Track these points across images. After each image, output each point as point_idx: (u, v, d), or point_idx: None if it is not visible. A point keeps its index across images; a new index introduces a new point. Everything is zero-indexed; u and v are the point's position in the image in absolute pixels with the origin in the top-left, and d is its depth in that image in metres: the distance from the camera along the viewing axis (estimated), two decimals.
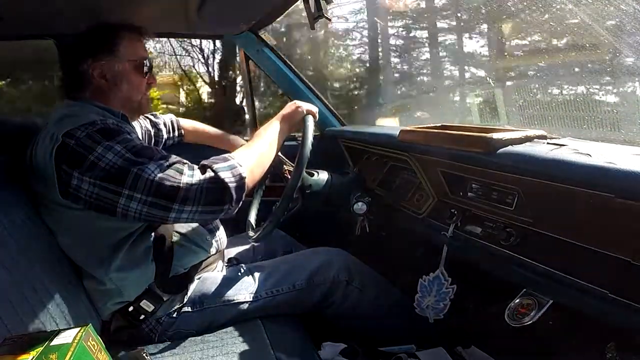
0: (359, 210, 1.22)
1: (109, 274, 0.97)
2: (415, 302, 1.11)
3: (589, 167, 0.68)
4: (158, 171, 0.85)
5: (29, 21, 1.31)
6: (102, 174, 0.84)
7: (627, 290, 0.65)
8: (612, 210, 0.64)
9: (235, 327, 1.05)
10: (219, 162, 0.89)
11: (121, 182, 0.84)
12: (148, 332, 1.02)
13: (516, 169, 0.81)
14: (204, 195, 0.85)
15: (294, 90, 1.74)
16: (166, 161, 0.87)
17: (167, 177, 0.84)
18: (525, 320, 0.81)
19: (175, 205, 0.84)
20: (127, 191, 0.84)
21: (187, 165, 0.88)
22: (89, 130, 0.87)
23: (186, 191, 0.84)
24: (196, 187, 0.84)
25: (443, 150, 1.00)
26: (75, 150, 0.85)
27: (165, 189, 0.84)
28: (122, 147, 0.86)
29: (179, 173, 0.85)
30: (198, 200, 0.85)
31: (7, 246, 0.84)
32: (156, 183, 0.83)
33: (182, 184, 0.84)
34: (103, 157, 0.84)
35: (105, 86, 1.03)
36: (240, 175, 0.89)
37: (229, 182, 0.86)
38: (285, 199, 1.05)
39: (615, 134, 1.32)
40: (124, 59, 1.03)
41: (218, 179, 0.86)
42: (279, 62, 1.71)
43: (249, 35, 1.66)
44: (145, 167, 0.85)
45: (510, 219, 0.87)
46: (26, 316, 0.80)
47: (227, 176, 0.87)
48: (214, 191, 0.86)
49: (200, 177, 0.86)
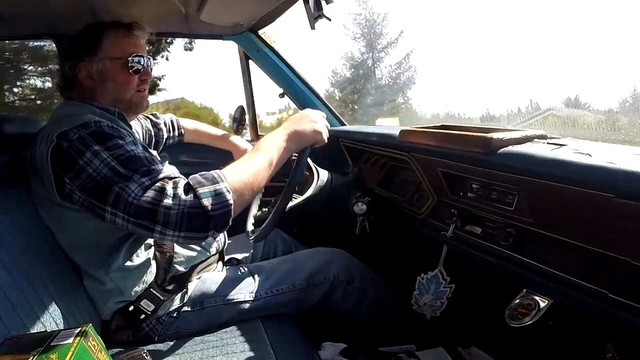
0: (359, 210, 1.22)
1: (109, 273, 0.97)
2: (413, 299, 1.11)
3: (589, 167, 0.68)
4: (139, 191, 0.80)
5: (29, 21, 1.31)
6: (88, 185, 0.83)
7: (627, 290, 0.65)
8: (612, 210, 0.64)
9: (236, 327, 1.05)
10: (205, 185, 0.80)
11: (103, 199, 0.82)
12: (148, 331, 1.02)
13: (516, 169, 0.81)
14: (185, 221, 0.78)
15: (294, 91, 1.74)
16: (150, 178, 0.81)
17: (147, 199, 0.79)
18: (525, 320, 0.81)
19: (157, 227, 0.79)
20: (109, 208, 0.82)
21: (172, 184, 0.81)
22: (81, 132, 0.87)
23: (165, 216, 0.78)
24: (176, 213, 0.78)
25: (443, 150, 1.00)
26: (68, 153, 0.86)
27: (145, 212, 0.79)
28: (110, 155, 0.84)
29: (160, 194, 0.79)
30: (179, 226, 0.79)
31: (8, 246, 0.84)
32: (135, 206, 0.79)
33: (162, 209, 0.78)
34: (91, 163, 0.83)
35: (93, 86, 1.03)
36: (226, 202, 0.80)
37: (212, 210, 0.78)
38: (285, 199, 1.05)
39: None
40: (105, 58, 1.02)
41: (200, 205, 0.78)
42: (279, 62, 1.71)
43: (249, 35, 1.66)
44: (126, 186, 0.80)
45: (510, 219, 0.87)
46: (26, 316, 0.80)
47: (211, 203, 0.79)
48: (195, 218, 0.78)
49: (182, 201, 0.79)
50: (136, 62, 1.04)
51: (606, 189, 0.65)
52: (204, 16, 1.35)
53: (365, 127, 1.62)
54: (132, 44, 1.05)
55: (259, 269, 1.15)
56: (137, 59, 1.04)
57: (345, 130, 1.64)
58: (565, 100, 15.40)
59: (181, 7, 1.30)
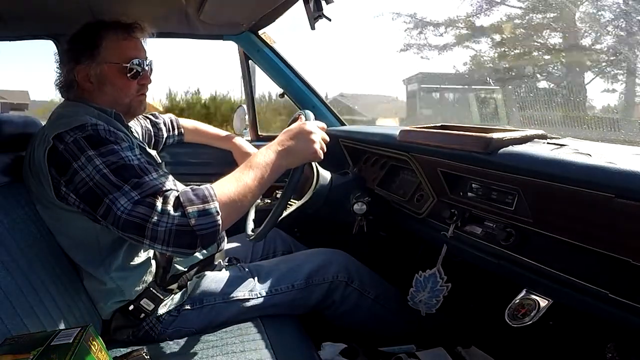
0: (359, 210, 1.21)
1: (109, 273, 0.97)
2: (409, 295, 1.11)
3: (589, 167, 0.68)
4: (128, 205, 0.80)
5: (28, 22, 1.31)
6: (80, 190, 0.85)
7: (627, 290, 0.65)
8: (612, 210, 0.64)
9: (235, 326, 1.05)
10: (195, 203, 0.80)
11: (95, 208, 0.84)
12: (148, 330, 1.02)
13: (516, 169, 0.81)
14: (173, 238, 0.79)
15: (294, 91, 1.74)
16: (140, 192, 0.82)
17: (136, 215, 0.80)
18: (525, 320, 0.80)
19: (146, 240, 0.80)
20: (101, 218, 0.84)
21: (162, 199, 0.81)
22: (77, 135, 0.87)
23: (153, 232, 0.79)
24: (164, 230, 0.79)
25: (443, 150, 0.99)
26: (63, 156, 0.86)
27: (133, 226, 0.80)
28: (103, 162, 0.84)
29: (149, 209, 0.80)
30: (167, 242, 0.79)
31: (8, 246, 0.85)
32: (123, 220, 0.80)
33: (150, 225, 0.79)
34: (85, 168, 0.84)
35: (91, 88, 1.02)
36: (213, 223, 0.80)
37: (199, 230, 0.79)
38: (285, 199, 1.05)
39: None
40: (103, 62, 1.01)
41: (187, 225, 0.79)
42: (279, 62, 1.71)
43: (249, 35, 1.66)
44: (116, 199, 0.81)
45: (510, 219, 0.87)
46: (26, 316, 0.80)
47: (199, 223, 0.79)
48: (183, 235, 0.79)
49: (170, 217, 0.79)
50: (136, 65, 1.03)
51: (606, 189, 0.65)
52: (204, 16, 1.35)
53: (365, 127, 1.62)
54: (131, 47, 1.04)
55: (259, 269, 1.15)
56: (137, 63, 1.03)
57: (345, 130, 1.64)
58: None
59: (181, 7, 1.30)
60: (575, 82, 1.76)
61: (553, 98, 1.74)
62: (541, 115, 1.74)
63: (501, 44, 2.88)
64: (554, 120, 1.69)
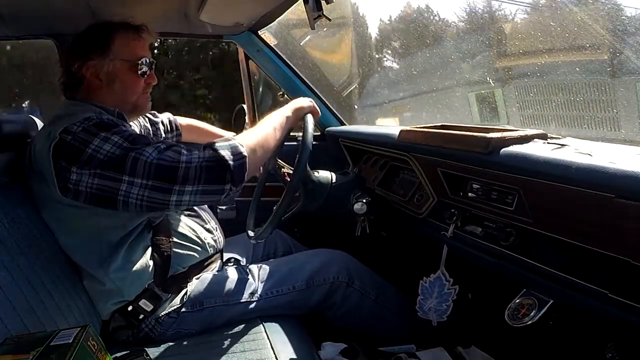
0: (359, 210, 1.21)
1: (109, 273, 0.97)
2: (418, 305, 1.10)
3: (589, 167, 0.68)
4: (156, 153, 0.85)
5: (28, 21, 1.31)
6: (100, 165, 0.85)
7: (627, 290, 0.65)
8: (612, 210, 0.64)
9: (235, 327, 1.05)
10: (220, 141, 0.89)
11: (120, 168, 0.84)
12: (148, 331, 1.02)
13: (516, 169, 0.81)
14: (204, 172, 0.84)
15: (294, 90, 1.74)
16: (164, 144, 0.88)
17: (165, 157, 0.85)
18: (525, 320, 0.80)
19: (176, 186, 0.84)
20: (127, 177, 0.84)
21: (185, 147, 0.88)
22: (85, 124, 0.88)
23: (185, 170, 0.84)
24: (195, 165, 0.84)
25: (443, 150, 0.99)
26: (73, 145, 0.86)
27: (165, 169, 0.84)
28: (119, 137, 0.87)
29: (177, 154, 0.86)
30: (198, 178, 0.84)
31: (7, 246, 0.84)
32: (154, 165, 0.84)
33: (181, 163, 0.84)
34: (101, 149, 0.85)
35: (99, 86, 1.03)
36: (241, 154, 0.88)
37: (229, 159, 0.86)
38: (287, 199, 1.05)
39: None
40: (115, 59, 1.02)
41: (217, 156, 0.85)
42: (279, 62, 1.71)
43: (249, 35, 1.66)
44: (143, 150, 0.85)
45: (510, 219, 0.87)
46: (26, 316, 0.80)
47: (227, 154, 0.86)
48: (214, 169, 0.85)
49: (200, 154, 0.86)
50: (145, 64, 1.05)
51: (606, 189, 0.65)
52: (204, 16, 1.35)
53: (365, 127, 1.62)
54: (140, 47, 1.06)
55: (259, 270, 1.15)
56: (146, 62, 1.05)
57: (345, 130, 1.64)
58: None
59: (181, 7, 1.30)
60: (576, 82, 1.77)
61: (553, 98, 1.74)
62: (541, 114, 1.74)
63: (501, 44, 2.85)
64: (554, 120, 1.69)
